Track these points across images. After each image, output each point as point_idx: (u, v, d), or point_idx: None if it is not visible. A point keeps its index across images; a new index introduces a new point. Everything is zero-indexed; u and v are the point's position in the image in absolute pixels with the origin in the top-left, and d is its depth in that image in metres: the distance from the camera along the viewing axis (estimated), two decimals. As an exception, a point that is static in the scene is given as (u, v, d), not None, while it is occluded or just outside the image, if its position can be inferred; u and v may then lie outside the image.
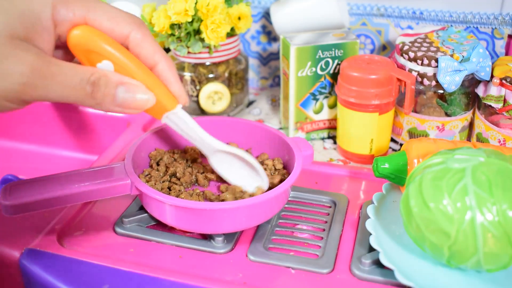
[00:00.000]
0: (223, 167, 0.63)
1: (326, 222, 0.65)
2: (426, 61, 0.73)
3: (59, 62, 0.45)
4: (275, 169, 0.68)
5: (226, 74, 0.87)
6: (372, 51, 0.93)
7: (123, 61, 0.48)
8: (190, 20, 0.79)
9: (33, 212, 0.58)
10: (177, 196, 0.63)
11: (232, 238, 0.61)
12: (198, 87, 0.86)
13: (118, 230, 0.63)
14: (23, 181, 0.59)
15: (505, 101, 0.71)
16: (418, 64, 0.74)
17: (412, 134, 0.79)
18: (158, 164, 0.69)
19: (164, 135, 0.70)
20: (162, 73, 0.51)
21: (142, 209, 0.66)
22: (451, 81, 0.71)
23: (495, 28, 0.83)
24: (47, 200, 0.57)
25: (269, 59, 0.99)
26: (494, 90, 0.72)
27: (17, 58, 0.42)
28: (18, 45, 0.43)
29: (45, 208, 0.58)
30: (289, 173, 0.65)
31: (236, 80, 0.89)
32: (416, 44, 0.76)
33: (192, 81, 0.86)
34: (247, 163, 0.63)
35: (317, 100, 0.82)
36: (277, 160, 0.68)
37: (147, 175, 0.67)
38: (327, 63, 0.79)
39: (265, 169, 0.69)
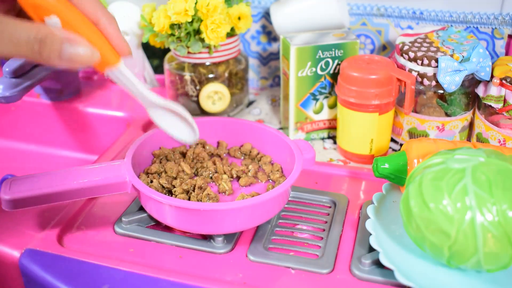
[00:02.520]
0: (161, 119, 0.63)
1: (326, 222, 0.65)
2: (426, 61, 0.73)
3: (6, 20, 0.46)
4: (273, 171, 0.68)
5: (226, 74, 0.87)
6: (372, 51, 0.93)
7: (69, 17, 0.50)
8: (190, 20, 0.79)
9: (32, 207, 0.59)
10: (177, 196, 0.63)
11: (232, 238, 0.61)
12: (198, 87, 0.86)
13: (118, 230, 0.63)
14: (23, 177, 0.60)
15: (505, 101, 0.71)
16: (418, 64, 0.74)
17: (412, 134, 0.79)
18: (160, 163, 0.69)
19: (167, 134, 0.70)
20: (104, 28, 0.53)
21: (142, 209, 0.66)
22: (451, 81, 0.71)
23: (495, 28, 0.83)
24: (46, 196, 0.58)
25: (269, 59, 0.99)
26: (494, 90, 0.72)
27: None
28: None
29: (44, 204, 0.59)
30: (288, 175, 0.65)
31: (236, 80, 0.89)
32: (416, 44, 0.76)
33: (192, 81, 0.86)
34: (182, 117, 0.63)
35: (317, 100, 0.82)
36: (276, 165, 0.69)
37: (148, 173, 0.67)
38: (327, 63, 0.79)
39: (263, 170, 0.70)
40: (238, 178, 0.68)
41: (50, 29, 0.48)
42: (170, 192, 0.65)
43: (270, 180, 0.68)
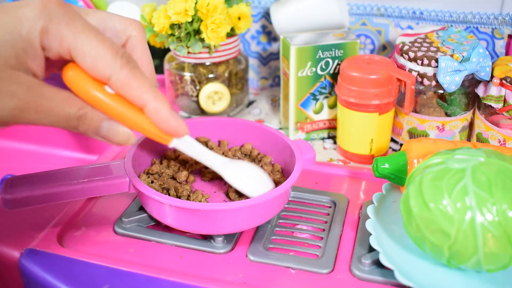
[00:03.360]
0: (235, 179, 0.62)
1: (326, 222, 0.65)
2: (426, 61, 0.73)
3: (49, 94, 0.45)
4: (273, 172, 0.68)
5: (226, 74, 0.87)
6: (372, 51, 0.93)
7: (111, 105, 0.48)
8: (190, 20, 0.79)
9: (32, 206, 0.59)
10: (178, 196, 0.63)
11: (232, 238, 0.61)
12: (198, 87, 0.86)
13: (118, 230, 0.63)
14: (23, 176, 0.60)
15: (505, 101, 0.71)
16: (418, 64, 0.74)
17: (412, 134, 0.79)
18: (161, 163, 0.69)
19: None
20: (153, 114, 0.50)
21: (142, 209, 0.66)
22: (451, 81, 0.71)
23: (495, 28, 0.83)
24: (46, 195, 0.58)
25: (269, 59, 0.99)
26: (494, 90, 0.72)
27: (9, 91, 0.43)
28: (10, 76, 0.43)
29: (45, 203, 0.59)
30: (289, 175, 0.65)
31: (236, 80, 0.89)
32: (416, 44, 0.76)
33: (192, 81, 0.86)
34: (254, 168, 0.63)
35: (317, 100, 0.82)
36: (276, 166, 0.69)
37: (149, 173, 0.67)
38: (327, 63, 0.79)
39: (264, 169, 0.69)
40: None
41: (90, 109, 0.47)
42: (173, 189, 0.65)
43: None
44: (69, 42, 0.45)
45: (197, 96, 0.87)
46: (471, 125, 0.79)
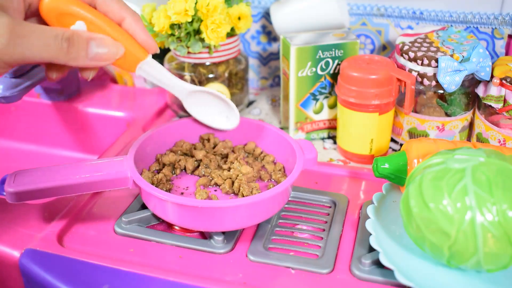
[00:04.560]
0: (197, 109, 0.67)
1: (326, 222, 0.65)
2: (426, 61, 0.73)
3: (32, 24, 0.48)
4: (275, 171, 0.68)
5: (226, 74, 0.87)
6: (372, 51, 0.93)
7: (94, 20, 0.53)
8: (190, 20, 0.79)
9: (35, 200, 0.60)
10: (181, 193, 0.64)
11: (232, 238, 0.61)
12: (198, 87, 0.86)
13: (118, 230, 0.63)
14: (27, 170, 0.61)
15: (505, 101, 0.71)
16: (418, 64, 0.74)
17: (412, 134, 0.79)
18: (163, 163, 0.69)
19: (171, 132, 0.70)
20: (130, 26, 0.55)
21: (142, 209, 0.66)
22: (451, 81, 0.71)
23: (495, 28, 0.83)
24: (49, 189, 0.59)
25: (269, 59, 0.99)
26: (494, 90, 0.72)
27: None
28: None
29: (47, 197, 0.59)
30: None
31: (236, 80, 0.89)
32: (416, 44, 0.76)
33: (192, 81, 0.86)
34: (219, 99, 0.66)
35: (317, 100, 0.82)
36: (278, 164, 0.69)
37: (153, 170, 0.67)
38: (327, 63, 0.79)
39: (265, 169, 0.70)
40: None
41: (75, 30, 0.51)
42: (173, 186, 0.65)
43: (272, 180, 0.68)
44: None
45: (197, 96, 0.87)
46: (471, 125, 0.79)
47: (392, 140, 0.82)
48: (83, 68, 0.54)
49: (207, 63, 0.86)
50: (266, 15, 0.95)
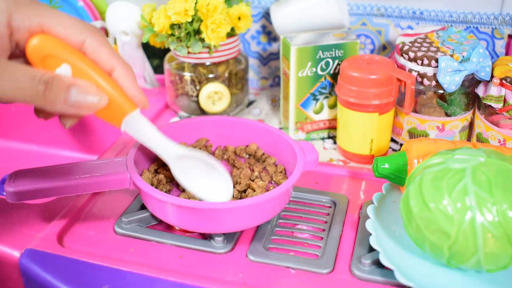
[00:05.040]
0: (186, 176, 0.60)
1: (326, 222, 0.65)
2: (426, 61, 0.73)
3: (11, 63, 0.45)
4: (276, 173, 0.68)
5: (226, 74, 0.87)
6: (372, 51, 0.93)
7: (80, 66, 0.49)
8: (190, 20, 0.79)
9: (35, 199, 0.59)
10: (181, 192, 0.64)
11: (232, 238, 0.61)
12: (198, 87, 0.86)
13: (118, 230, 0.63)
14: (27, 170, 0.61)
15: (505, 101, 0.71)
16: (418, 64, 0.74)
17: (412, 134, 0.78)
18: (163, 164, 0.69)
19: (171, 132, 0.70)
20: (119, 78, 0.51)
21: (142, 209, 0.66)
22: (451, 81, 0.71)
23: (495, 28, 0.83)
24: (49, 189, 0.59)
25: (269, 59, 0.99)
26: (494, 90, 0.72)
27: None
28: None
29: (47, 197, 0.59)
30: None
31: (236, 80, 0.89)
32: (416, 44, 0.76)
33: (192, 81, 0.86)
34: (211, 166, 0.61)
35: (317, 100, 0.82)
36: (279, 166, 0.69)
37: (153, 170, 0.67)
38: (327, 63, 0.79)
39: (267, 171, 0.69)
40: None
41: (56, 74, 0.47)
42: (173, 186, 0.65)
43: (273, 181, 0.68)
44: (41, 14, 0.48)
45: (197, 96, 0.87)
46: (471, 125, 0.79)
47: (392, 140, 0.82)
48: (62, 115, 0.50)
49: (207, 63, 0.86)
50: (266, 15, 0.95)
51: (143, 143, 0.57)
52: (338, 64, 0.80)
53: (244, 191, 0.65)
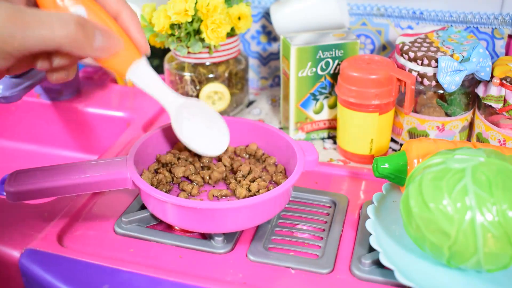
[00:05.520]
0: (185, 128, 0.62)
1: (326, 222, 0.65)
2: (426, 61, 0.73)
3: (35, 10, 0.44)
4: (276, 172, 0.68)
5: (226, 74, 0.87)
6: (372, 51, 0.93)
7: (94, 7, 0.50)
8: (190, 20, 0.79)
9: (35, 200, 0.60)
10: (181, 192, 0.64)
11: (232, 238, 0.61)
12: (198, 87, 0.86)
13: (118, 230, 0.63)
14: (27, 170, 0.61)
15: (505, 101, 0.71)
16: (418, 64, 0.74)
17: (412, 134, 0.79)
18: (164, 163, 0.69)
19: (171, 132, 0.70)
20: (125, 21, 0.52)
21: (142, 209, 0.66)
22: (451, 81, 0.71)
23: (495, 28, 0.83)
24: (49, 189, 0.59)
25: (269, 59, 0.99)
26: (494, 90, 0.72)
27: None
28: None
29: (47, 197, 0.59)
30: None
31: (236, 80, 0.89)
32: (416, 44, 0.76)
33: (192, 81, 0.86)
34: (210, 118, 0.63)
35: (317, 100, 0.82)
36: (279, 166, 0.69)
37: (153, 170, 0.67)
38: (327, 63, 0.79)
39: (267, 170, 0.70)
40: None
41: (84, 17, 0.46)
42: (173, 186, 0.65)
43: (273, 181, 0.68)
44: None
45: (197, 96, 0.87)
46: (471, 125, 0.79)
47: (392, 140, 0.82)
48: (53, 69, 0.49)
49: (207, 63, 0.86)
50: (266, 15, 0.95)
51: (146, 91, 0.58)
52: (338, 64, 0.80)
53: (253, 180, 0.66)
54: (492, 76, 0.72)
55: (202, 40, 0.83)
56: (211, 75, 0.86)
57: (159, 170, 0.68)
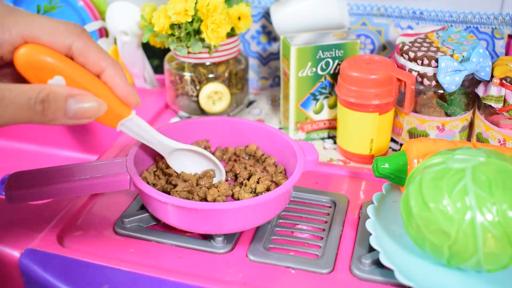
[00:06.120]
0: (181, 168, 0.66)
1: (326, 222, 0.65)
2: (426, 61, 0.73)
3: (2, 86, 0.43)
4: (276, 173, 0.68)
5: (226, 74, 0.87)
6: (372, 51, 0.93)
7: (73, 74, 0.48)
8: (190, 20, 0.79)
9: (34, 202, 0.60)
10: (179, 195, 0.64)
11: (232, 238, 0.61)
12: (198, 87, 0.86)
13: (118, 230, 0.63)
14: (27, 170, 0.61)
15: (505, 101, 0.71)
16: (418, 64, 0.74)
17: (412, 134, 0.79)
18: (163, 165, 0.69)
19: (171, 132, 0.70)
20: (110, 79, 0.50)
21: (142, 209, 0.66)
22: (451, 81, 0.71)
23: (495, 28, 0.83)
24: (48, 191, 0.59)
25: (269, 59, 0.99)
26: (494, 90, 0.72)
27: None
28: None
29: (46, 199, 0.59)
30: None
31: (236, 80, 0.89)
32: (416, 44, 0.76)
33: (192, 81, 0.86)
34: (205, 157, 0.65)
35: (317, 100, 0.82)
36: (279, 167, 0.69)
37: (152, 171, 0.67)
38: (327, 63, 0.79)
39: (267, 171, 0.69)
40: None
41: (52, 87, 0.46)
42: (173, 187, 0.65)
43: (273, 182, 0.68)
44: (20, 23, 0.45)
45: (197, 96, 0.87)
46: (471, 125, 0.79)
47: (392, 140, 0.82)
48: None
49: (207, 63, 0.86)
50: (266, 15, 0.95)
51: (139, 140, 0.60)
52: (338, 64, 0.80)
53: (248, 178, 0.66)
54: (492, 76, 0.72)
55: (202, 40, 0.83)
56: (211, 75, 0.86)
57: (159, 171, 0.68)
